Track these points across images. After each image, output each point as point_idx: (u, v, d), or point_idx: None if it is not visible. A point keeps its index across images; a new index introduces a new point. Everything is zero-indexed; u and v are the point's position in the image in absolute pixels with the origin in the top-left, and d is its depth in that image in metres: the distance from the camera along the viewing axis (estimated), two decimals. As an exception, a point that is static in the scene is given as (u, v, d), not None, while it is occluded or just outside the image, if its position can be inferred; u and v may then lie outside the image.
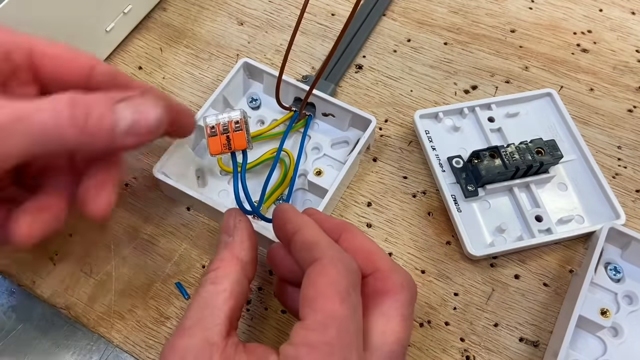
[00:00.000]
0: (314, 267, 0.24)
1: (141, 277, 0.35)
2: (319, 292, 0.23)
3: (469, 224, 0.36)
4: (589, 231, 0.36)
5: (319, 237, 0.26)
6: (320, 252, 0.24)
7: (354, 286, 0.24)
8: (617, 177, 0.39)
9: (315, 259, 0.24)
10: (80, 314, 0.34)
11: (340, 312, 0.23)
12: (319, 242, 0.25)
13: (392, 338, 0.24)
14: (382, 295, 0.25)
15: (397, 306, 0.25)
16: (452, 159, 0.38)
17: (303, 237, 0.26)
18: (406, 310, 0.25)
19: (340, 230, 0.28)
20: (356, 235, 0.27)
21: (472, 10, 0.47)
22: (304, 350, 0.22)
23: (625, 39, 0.45)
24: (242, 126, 0.28)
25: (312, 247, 0.25)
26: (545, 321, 0.34)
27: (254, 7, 0.47)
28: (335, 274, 0.24)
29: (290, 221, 0.27)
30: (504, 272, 0.36)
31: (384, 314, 0.25)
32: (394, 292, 0.25)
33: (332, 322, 0.23)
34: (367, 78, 0.43)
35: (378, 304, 0.25)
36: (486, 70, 0.44)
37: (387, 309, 0.25)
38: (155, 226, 0.37)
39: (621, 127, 0.41)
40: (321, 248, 0.25)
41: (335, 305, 0.23)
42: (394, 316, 0.25)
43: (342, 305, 0.23)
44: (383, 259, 0.26)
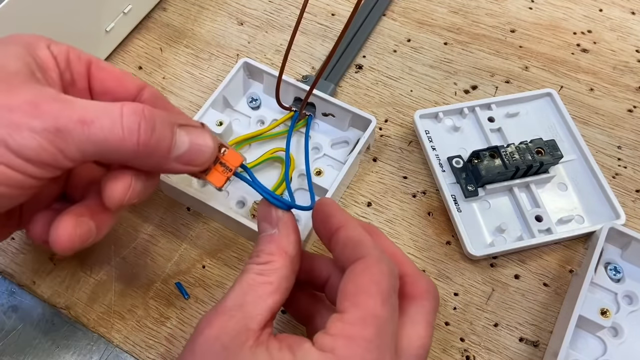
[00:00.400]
0: (358, 263, 0.24)
1: (141, 277, 0.35)
2: (361, 288, 0.24)
3: (469, 224, 0.36)
4: (589, 231, 0.36)
5: (364, 235, 0.26)
6: (366, 251, 0.25)
7: (394, 289, 0.24)
8: (617, 177, 0.39)
9: (360, 257, 0.24)
10: (80, 314, 0.34)
11: (381, 311, 0.23)
12: (364, 241, 0.25)
13: (418, 343, 0.25)
14: (410, 300, 0.26)
15: (424, 312, 0.25)
16: (452, 159, 0.38)
17: (348, 234, 0.26)
18: (431, 316, 0.25)
19: (369, 232, 0.28)
20: (383, 239, 0.28)
21: (472, 10, 0.47)
22: (341, 342, 0.23)
23: (625, 39, 0.45)
24: (225, 145, 0.28)
25: (358, 245, 0.25)
26: (545, 321, 0.34)
27: (254, 7, 0.47)
28: (379, 274, 0.24)
29: (334, 216, 0.27)
30: (504, 272, 0.36)
31: (411, 319, 0.25)
32: (421, 298, 0.26)
33: (373, 320, 0.23)
34: (367, 78, 0.43)
35: (405, 308, 0.25)
36: (486, 70, 0.44)
37: (414, 314, 0.25)
38: (155, 226, 0.37)
39: (621, 127, 0.41)
40: (367, 247, 0.25)
41: (377, 304, 0.23)
42: (420, 322, 0.25)
43: (383, 306, 0.23)
44: (409, 264, 0.27)
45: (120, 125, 0.23)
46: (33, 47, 0.26)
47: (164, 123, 0.25)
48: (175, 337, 0.33)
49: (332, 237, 0.26)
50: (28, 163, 0.22)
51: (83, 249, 0.26)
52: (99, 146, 0.23)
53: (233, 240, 0.37)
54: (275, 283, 0.25)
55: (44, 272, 0.35)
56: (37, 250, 0.36)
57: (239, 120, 0.40)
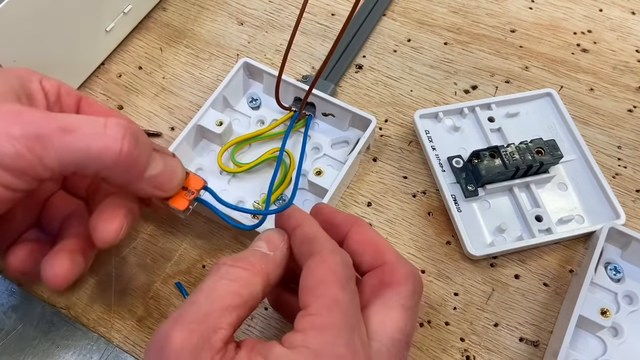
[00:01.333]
0: (313, 258, 0.25)
1: (141, 277, 0.35)
2: (320, 280, 0.24)
3: (469, 224, 0.36)
4: (589, 231, 0.36)
5: (319, 232, 0.26)
6: (320, 246, 0.25)
7: (350, 277, 0.25)
8: (617, 177, 0.39)
9: (314, 252, 0.25)
10: (80, 314, 0.34)
11: (342, 297, 0.24)
12: (318, 237, 0.26)
13: (393, 326, 0.25)
14: (386, 286, 0.26)
15: (399, 297, 0.25)
16: (452, 159, 0.38)
17: (303, 231, 0.26)
18: (408, 301, 0.25)
19: (350, 224, 0.28)
20: (366, 229, 0.28)
21: (472, 10, 0.47)
22: (311, 334, 0.23)
23: (625, 39, 0.45)
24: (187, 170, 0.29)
25: (312, 241, 0.26)
26: (545, 321, 0.34)
27: (254, 7, 0.47)
28: (334, 264, 0.25)
29: (292, 216, 0.27)
30: (504, 272, 0.36)
31: (385, 304, 0.25)
32: (397, 284, 0.26)
33: (336, 306, 0.23)
34: (367, 78, 0.43)
35: (380, 294, 0.26)
36: (486, 70, 0.44)
37: (388, 299, 0.25)
38: (155, 226, 0.37)
39: (621, 127, 0.41)
40: (320, 242, 0.26)
41: (337, 291, 0.24)
42: (394, 307, 0.25)
43: (343, 292, 0.24)
44: (390, 252, 0.27)
45: (103, 134, 0.23)
46: (24, 79, 0.26)
47: (145, 140, 0.25)
48: (175, 337, 0.33)
49: (290, 237, 0.27)
50: (5, 172, 0.22)
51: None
52: (79, 155, 0.23)
53: (233, 240, 0.37)
54: (244, 297, 0.24)
55: (44, 272, 0.35)
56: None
57: (239, 120, 0.40)
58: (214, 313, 0.23)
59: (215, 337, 0.22)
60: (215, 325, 0.23)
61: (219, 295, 0.24)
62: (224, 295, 0.24)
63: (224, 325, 0.23)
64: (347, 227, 0.28)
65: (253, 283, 0.25)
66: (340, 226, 0.28)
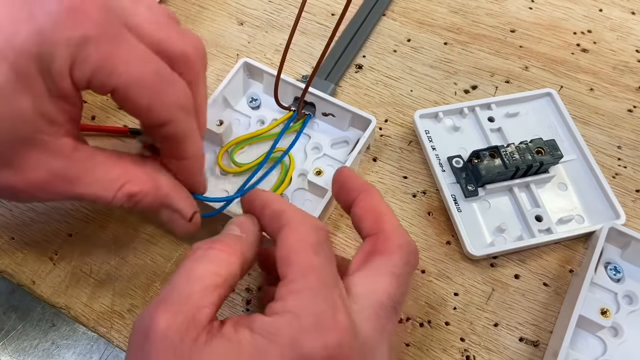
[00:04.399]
0: (283, 230, 0.25)
1: (141, 277, 0.35)
2: (291, 249, 0.24)
3: (469, 224, 0.36)
4: (589, 231, 0.36)
5: (285, 206, 0.27)
6: (288, 217, 0.26)
7: (323, 240, 0.25)
8: (617, 177, 0.39)
9: (283, 224, 0.25)
10: (80, 314, 0.34)
11: (316, 261, 0.24)
12: (285, 210, 0.26)
13: (380, 291, 0.25)
14: (378, 253, 0.26)
15: (389, 264, 0.26)
16: (452, 159, 0.38)
17: (271, 208, 0.27)
18: (398, 269, 0.26)
19: (360, 190, 0.28)
20: (372, 197, 0.28)
21: (472, 10, 0.47)
22: (289, 299, 0.23)
23: (625, 39, 0.45)
24: None
25: (280, 215, 0.26)
26: (545, 321, 0.34)
27: (254, 7, 0.47)
28: (304, 231, 0.25)
29: (257, 197, 0.28)
30: (504, 272, 0.36)
31: (375, 269, 0.26)
32: (389, 252, 0.26)
33: (310, 270, 0.24)
34: (367, 78, 0.43)
35: (371, 260, 0.26)
36: (486, 70, 0.44)
37: (378, 265, 0.26)
38: (155, 226, 0.37)
39: (621, 127, 0.41)
40: (288, 214, 0.26)
41: (309, 256, 0.24)
42: (384, 273, 0.25)
43: (316, 256, 0.24)
44: (389, 222, 0.27)
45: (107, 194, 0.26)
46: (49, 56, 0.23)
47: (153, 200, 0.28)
48: (175, 337, 0.33)
49: (260, 217, 0.27)
50: None
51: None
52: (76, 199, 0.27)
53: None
54: (224, 276, 0.24)
55: (44, 272, 0.35)
56: (37, 250, 0.36)
57: (239, 120, 0.40)
58: (196, 293, 0.23)
59: (199, 316, 0.23)
60: (198, 304, 0.23)
61: (198, 276, 0.24)
62: (203, 275, 0.24)
63: (207, 304, 0.23)
64: (356, 193, 0.28)
65: (231, 262, 0.25)
66: (351, 191, 0.29)
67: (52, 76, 0.23)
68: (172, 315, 0.22)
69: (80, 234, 0.36)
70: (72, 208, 0.37)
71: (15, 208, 0.37)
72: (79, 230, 0.37)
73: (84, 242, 0.36)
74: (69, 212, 0.37)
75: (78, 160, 0.25)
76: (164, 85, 0.25)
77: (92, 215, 0.37)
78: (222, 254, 0.25)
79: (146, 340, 0.22)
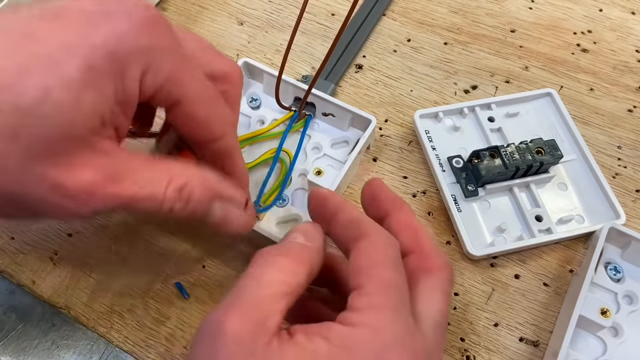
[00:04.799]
0: (363, 239, 0.25)
1: (141, 277, 0.35)
2: (373, 261, 0.24)
3: (469, 224, 0.36)
4: (589, 231, 0.36)
5: (363, 215, 0.26)
6: (367, 228, 0.25)
7: (400, 259, 0.25)
8: (617, 177, 0.39)
9: (363, 234, 0.25)
10: (80, 314, 0.34)
11: (397, 279, 0.24)
12: (364, 219, 0.26)
13: (437, 309, 0.25)
14: (427, 272, 0.26)
15: (439, 283, 0.26)
16: (452, 159, 0.38)
17: (348, 215, 0.26)
18: (447, 287, 0.26)
19: (393, 204, 0.28)
20: (407, 212, 0.28)
21: (472, 10, 0.47)
22: (369, 313, 0.23)
23: (625, 39, 0.45)
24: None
25: (359, 223, 0.26)
26: (545, 321, 0.34)
27: (254, 7, 0.47)
28: (385, 246, 0.25)
29: (329, 201, 0.27)
30: (504, 272, 0.36)
31: (430, 288, 0.26)
32: (437, 270, 0.26)
33: (392, 287, 0.23)
34: (367, 78, 0.43)
35: (424, 279, 0.26)
36: (486, 70, 0.44)
37: (432, 284, 0.26)
38: (155, 226, 0.37)
39: (621, 127, 0.41)
40: (367, 224, 0.26)
41: (391, 272, 0.24)
42: (437, 291, 0.26)
43: (396, 273, 0.24)
44: (427, 239, 0.27)
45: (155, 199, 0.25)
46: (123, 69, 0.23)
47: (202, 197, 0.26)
48: (175, 337, 0.33)
49: (331, 222, 0.27)
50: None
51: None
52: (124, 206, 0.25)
53: (233, 240, 0.37)
54: (292, 285, 0.24)
55: (44, 272, 0.35)
56: (37, 250, 0.36)
57: (239, 120, 0.40)
58: (265, 300, 0.23)
59: (268, 323, 0.22)
60: (268, 310, 0.23)
61: (267, 283, 0.23)
62: (272, 282, 0.23)
63: (276, 312, 0.23)
64: (389, 207, 0.28)
65: (299, 273, 0.24)
66: (382, 204, 0.28)
67: (123, 79, 0.23)
68: (243, 319, 0.22)
69: (80, 234, 0.36)
70: (72, 208, 0.37)
71: (15, 208, 0.37)
72: (79, 230, 0.37)
73: (84, 242, 0.36)
74: (69, 212, 0.37)
75: (124, 161, 0.24)
76: (219, 102, 0.27)
77: (92, 215, 0.37)
78: (291, 263, 0.24)
79: (216, 342, 0.22)
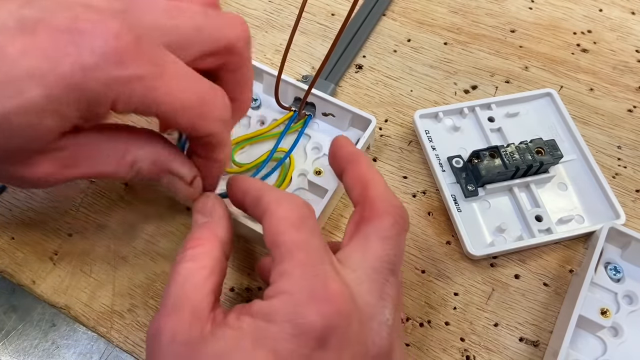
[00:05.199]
0: (264, 215, 0.26)
1: (141, 277, 0.35)
2: (275, 231, 0.25)
3: (469, 224, 0.36)
4: (589, 231, 0.36)
5: (262, 189, 0.27)
6: (266, 201, 0.26)
7: (306, 217, 0.25)
8: (617, 177, 0.39)
9: (263, 209, 0.26)
10: (80, 314, 0.34)
11: (298, 237, 0.24)
12: (262, 194, 0.26)
13: (371, 256, 0.25)
14: (365, 221, 0.26)
15: (377, 230, 0.26)
16: (452, 159, 0.38)
17: (250, 196, 0.27)
18: (386, 232, 0.26)
19: (349, 159, 0.29)
20: (360, 165, 0.28)
21: (472, 10, 0.47)
22: (282, 280, 0.23)
23: (625, 39, 0.45)
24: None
25: (259, 201, 0.26)
26: (545, 321, 0.34)
27: (254, 7, 0.47)
28: (284, 211, 0.25)
29: (237, 187, 0.28)
30: (504, 272, 0.36)
31: (364, 238, 0.26)
32: (376, 218, 0.26)
33: (295, 247, 0.24)
34: (367, 78, 0.43)
35: (360, 229, 0.26)
36: (486, 70, 0.44)
37: (366, 233, 0.26)
38: (155, 226, 0.37)
39: (621, 127, 0.41)
40: (265, 198, 0.26)
41: (291, 234, 0.24)
42: (373, 239, 0.26)
43: (298, 232, 0.24)
44: (375, 187, 0.27)
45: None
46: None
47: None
48: (175, 337, 0.33)
49: (244, 208, 0.28)
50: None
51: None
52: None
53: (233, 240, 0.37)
54: (209, 266, 0.25)
55: (44, 272, 0.35)
56: (37, 250, 0.36)
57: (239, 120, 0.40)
58: (189, 292, 0.24)
59: (199, 309, 0.23)
60: (195, 300, 0.24)
61: (184, 277, 0.25)
62: (189, 275, 0.25)
63: (203, 297, 0.24)
64: (345, 162, 0.29)
65: (208, 251, 0.26)
66: (341, 161, 0.29)
67: (89, 108, 0.23)
68: (175, 317, 0.23)
69: (80, 234, 0.36)
70: (72, 208, 0.37)
71: (15, 208, 0.37)
72: (79, 230, 0.37)
73: (84, 242, 0.36)
74: (69, 212, 0.37)
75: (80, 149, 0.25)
76: (205, 107, 0.25)
77: (92, 215, 0.37)
78: (198, 249, 0.26)
79: (159, 348, 0.23)
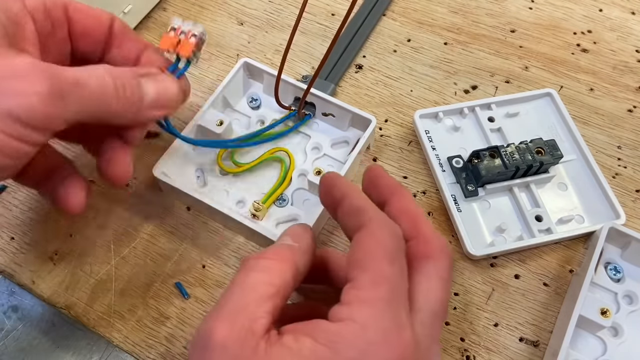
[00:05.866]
0: (361, 231, 0.24)
1: (141, 277, 0.35)
2: (368, 253, 0.24)
3: (469, 224, 0.36)
4: (589, 231, 0.36)
5: (367, 202, 0.26)
6: (368, 217, 0.25)
7: (400, 250, 0.24)
8: (617, 177, 0.39)
9: (363, 224, 0.25)
10: (80, 314, 0.34)
11: (389, 271, 0.23)
12: (366, 208, 0.25)
13: (434, 298, 0.25)
14: (424, 258, 0.25)
15: (437, 269, 0.25)
16: (452, 159, 0.38)
17: (351, 202, 0.26)
18: (445, 273, 0.25)
19: (392, 190, 0.28)
20: (406, 198, 0.28)
21: (472, 10, 0.47)
22: (357, 307, 0.22)
23: (625, 39, 0.45)
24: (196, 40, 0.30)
25: (361, 212, 0.25)
26: (545, 321, 0.34)
27: (254, 7, 0.47)
28: (383, 238, 0.24)
29: (337, 186, 0.27)
30: (504, 272, 0.36)
31: (426, 276, 0.25)
32: (435, 256, 0.26)
33: (383, 280, 0.23)
34: (367, 78, 0.43)
35: (420, 266, 0.25)
36: (486, 70, 0.44)
37: (429, 271, 0.25)
38: (155, 226, 0.37)
39: (621, 127, 0.41)
40: (369, 213, 0.25)
41: (384, 265, 0.23)
42: (434, 278, 0.25)
43: (391, 266, 0.23)
44: (426, 224, 0.27)
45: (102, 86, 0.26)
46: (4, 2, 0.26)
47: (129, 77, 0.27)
48: (175, 337, 0.33)
49: (337, 208, 0.27)
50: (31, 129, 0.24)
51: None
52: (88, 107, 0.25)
53: (233, 240, 0.37)
54: (277, 285, 0.24)
55: (44, 272, 0.35)
56: (37, 250, 0.36)
57: (239, 120, 0.40)
58: (251, 303, 0.23)
59: (256, 326, 0.22)
60: (254, 314, 0.23)
61: (251, 286, 0.24)
62: (256, 285, 0.24)
63: (262, 314, 0.23)
64: (388, 193, 0.28)
65: (283, 272, 0.24)
66: (382, 191, 0.28)
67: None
68: (230, 325, 0.22)
69: (80, 234, 0.36)
70: (72, 208, 0.37)
71: (15, 208, 0.37)
72: (79, 230, 0.37)
73: (84, 242, 0.36)
74: (69, 212, 0.37)
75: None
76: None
77: (92, 215, 0.37)
78: (274, 263, 0.25)
79: (206, 350, 0.22)
